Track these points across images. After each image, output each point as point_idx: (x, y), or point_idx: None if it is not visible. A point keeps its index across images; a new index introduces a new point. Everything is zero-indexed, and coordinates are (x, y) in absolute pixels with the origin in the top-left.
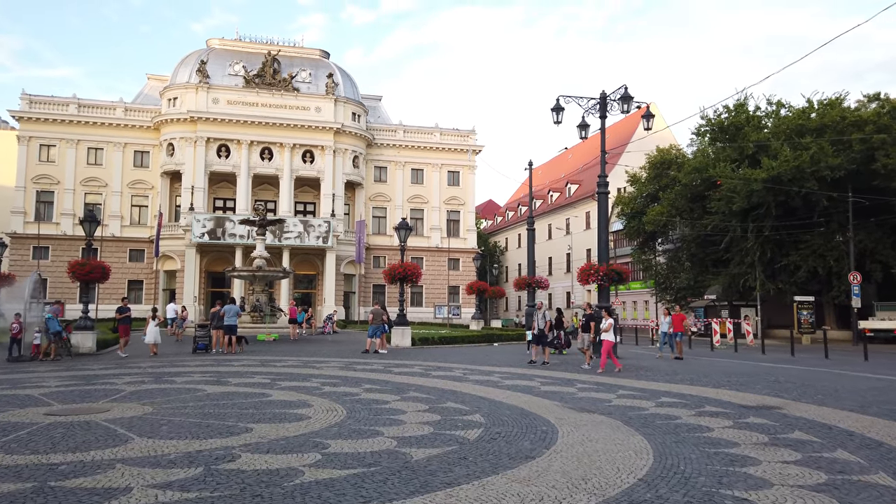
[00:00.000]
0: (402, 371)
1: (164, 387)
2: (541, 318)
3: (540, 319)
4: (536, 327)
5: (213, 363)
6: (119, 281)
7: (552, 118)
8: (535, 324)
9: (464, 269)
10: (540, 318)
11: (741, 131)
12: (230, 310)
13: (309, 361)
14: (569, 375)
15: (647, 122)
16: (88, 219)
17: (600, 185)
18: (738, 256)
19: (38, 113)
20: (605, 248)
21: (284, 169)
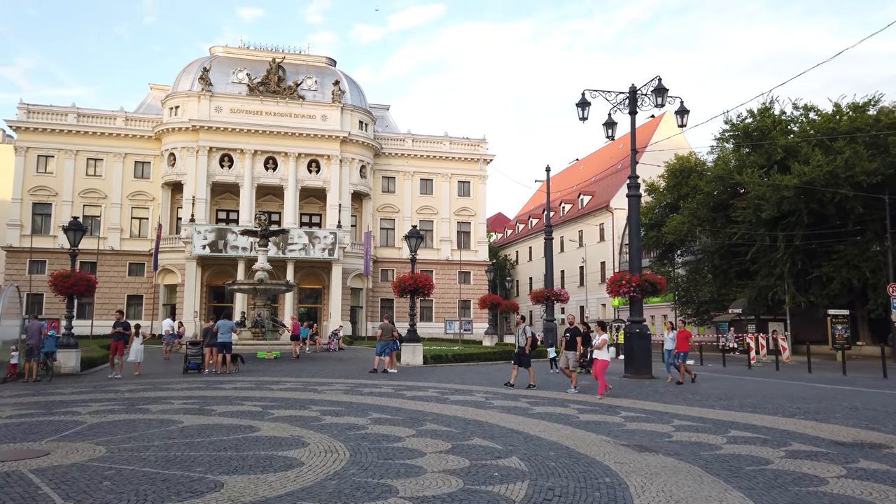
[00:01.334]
0: (416, 395)
1: (134, 417)
2: (521, 335)
3: (520, 336)
4: (517, 345)
5: (202, 386)
6: (118, 296)
7: (577, 114)
8: (516, 342)
9: (475, 283)
10: (520, 334)
11: (767, 136)
12: (224, 325)
13: (310, 383)
14: (602, 401)
15: (682, 118)
16: (73, 227)
17: (631, 187)
18: (765, 268)
19: (36, 123)
20: (637, 256)
21: (289, 179)
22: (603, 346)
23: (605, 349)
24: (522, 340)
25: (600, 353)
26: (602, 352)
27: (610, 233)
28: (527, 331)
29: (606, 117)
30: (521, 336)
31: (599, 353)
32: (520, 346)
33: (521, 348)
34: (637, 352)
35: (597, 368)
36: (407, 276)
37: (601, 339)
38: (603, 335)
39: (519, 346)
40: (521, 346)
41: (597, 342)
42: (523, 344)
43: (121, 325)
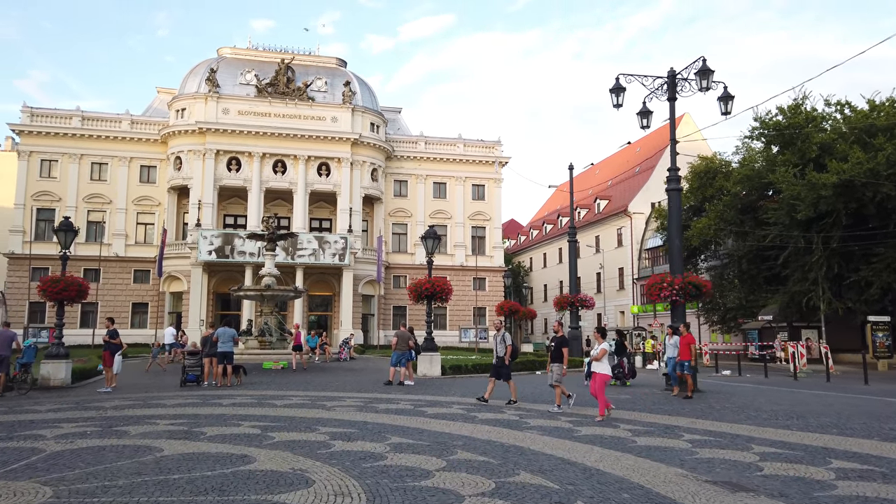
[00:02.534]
0: (438, 413)
1: (105, 444)
2: (500, 343)
3: (499, 344)
4: (495, 354)
5: (198, 401)
6: (122, 304)
7: (611, 101)
8: (494, 350)
9: (490, 289)
10: (499, 342)
11: (800, 133)
12: (224, 333)
13: (319, 398)
14: (657, 419)
15: (726, 104)
16: (64, 228)
17: (671, 180)
18: (798, 272)
19: (39, 126)
20: (678, 256)
21: (298, 183)
22: (602, 356)
23: (605, 361)
24: (501, 349)
25: (599, 366)
26: (602, 364)
27: (628, 238)
28: (506, 338)
29: (641, 106)
30: (499, 344)
31: (598, 365)
32: (498, 355)
33: (500, 358)
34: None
35: (596, 384)
36: (423, 281)
37: (600, 348)
38: (602, 344)
39: (497, 356)
40: (499, 355)
41: (595, 352)
42: (502, 353)
43: (108, 333)
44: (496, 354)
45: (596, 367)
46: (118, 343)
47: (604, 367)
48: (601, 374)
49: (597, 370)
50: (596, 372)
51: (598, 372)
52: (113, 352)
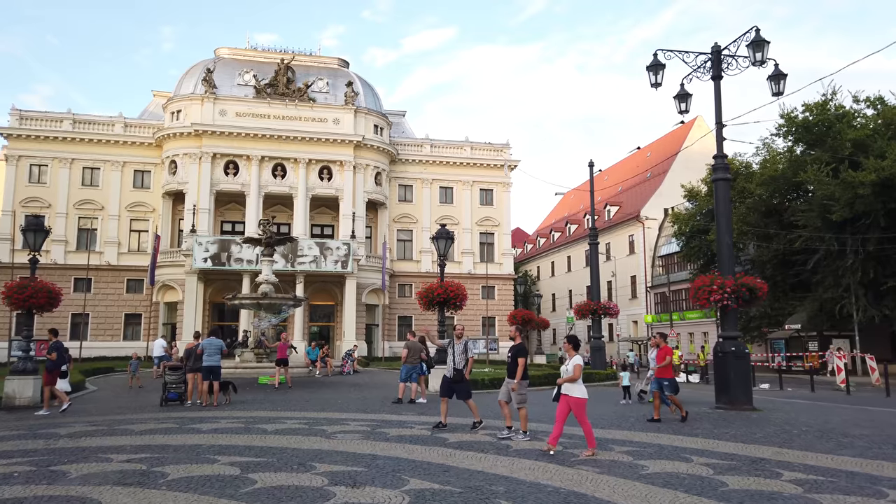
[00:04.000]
0: (462, 441)
1: (28, 493)
2: (459, 354)
3: (458, 355)
4: (451, 367)
5: (174, 425)
6: (115, 315)
7: (649, 80)
8: (449, 361)
9: (500, 298)
10: (458, 353)
11: (831, 130)
12: (210, 345)
13: (317, 420)
14: (733, 448)
15: (778, 83)
16: (32, 227)
17: (718, 169)
18: (830, 278)
19: (28, 130)
20: (728, 255)
21: (299, 187)
22: (578, 375)
23: (580, 380)
24: (461, 361)
25: (574, 388)
26: (578, 385)
27: (641, 245)
28: (468, 348)
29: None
30: (458, 355)
31: (573, 387)
32: (456, 367)
33: (457, 371)
34: (734, 376)
35: (573, 410)
36: (435, 285)
37: (574, 364)
38: (575, 358)
39: (454, 369)
40: (457, 368)
41: (568, 367)
42: (461, 366)
43: (55, 348)
44: (453, 367)
45: (570, 388)
46: (56, 359)
47: (580, 389)
48: (577, 399)
49: (571, 393)
50: (569, 395)
51: (572, 395)
52: (51, 369)
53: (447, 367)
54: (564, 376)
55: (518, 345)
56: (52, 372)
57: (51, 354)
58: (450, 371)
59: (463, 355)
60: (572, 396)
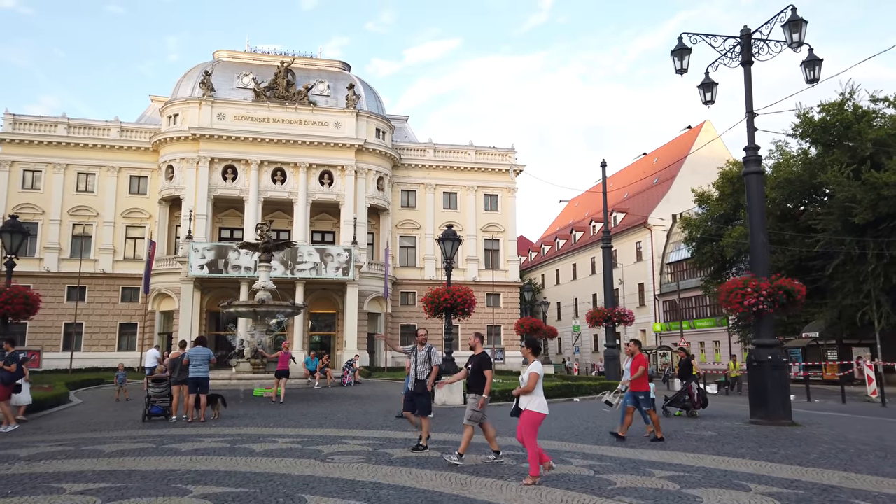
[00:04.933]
0: (478, 465)
1: None
2: (422, 363)
3: (420, 364)
4: (413, 378)
5: (150, 445)
6: (109, 324)
7: (674, 66)
8: (412, 371)
9: (505, 306)
10: (421, 361)
11: (849, 130)
12: (197, 355)
13: (313, 439)
14: (794, 473)
15: (813, 70)
16: (10, 228)
17: (749, 162)
18: (850, 284)
19: (22, 135)
20: (763, 254)
21: (299, 192)
22: (532, 385)
23: (539, 390)
24: (424, 371)
25: (530, 400)
26: (534, 397)
27: (648, 251)
28: (432, 355)
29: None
30: (420, 364)
31: (529, 399)
32: (418, 378)
33: (420, 383)
34: (770, 388)
35: (523, 426)
36: (441, 290)
37: (530, 372)
38: (533, 365)
39: (416, 380)
40: (419, 378)
41: (524, 377)
42: (424, 376)
43: (14, 359)
44: (415, 377)
45: (525, 401)
46: (13, 371)
47: (537, 402)
48: (532, 413)
49: (527, 406)
50: (526, 409)
51: (528, 409)
52: (6, 382)
53: (409, 377)
54: (522, 386)
55: (480, 354)
56: (7, 385)
57: (10, 366)
58: (411, 382)
59: (426, 364)
60: (528, 410)
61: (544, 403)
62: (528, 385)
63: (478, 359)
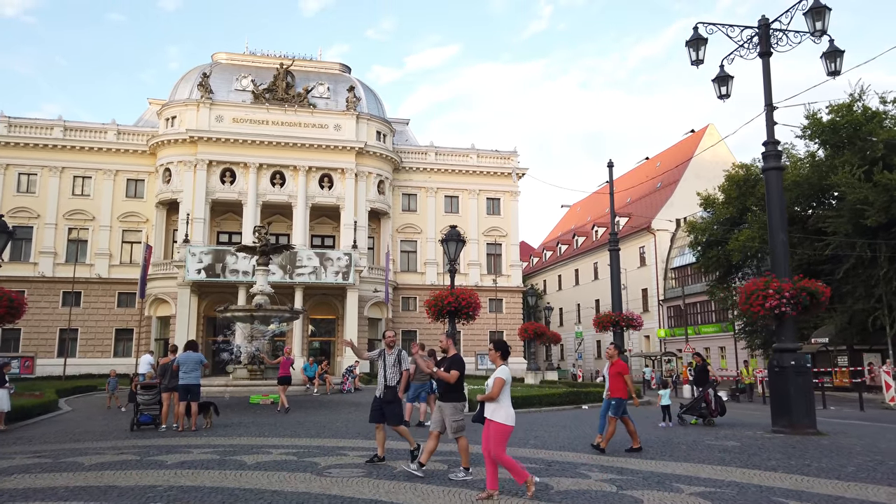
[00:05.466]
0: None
1: None
2: (391, 367)
3: (390, 368)
4: (382, 384)
5: (134, 457)
6: (105, 330)
7: (689, 57)
8: (380, 377)
9: (508, 311)
10: (390, 365)
11: (860, 131)
12: (187, 360)
13: (309, 450)
14: (819, 485)
15: (834, 62)
16: None
17: (769, 157)
18: (861, 288)
19: (17, 137)
20: (783, 254)
21: (298, 196)
22: (496, 392)
23: (507, 399)
24: (394, 377)
25: (496, 410)
26: (499, 405)
27: (652, 257)
28: (402, 360)
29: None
30: (389, 369)
31: (494, 408)
32: (388, 384)
33: (389, 389)
34: (794, 395)
35: (491, 440)
36: (445, 293)
37: (495, 377)
38: (500, 369)
39: (385, 386)
40: (389, 385)
41: (489, 383)
42: (394, 382)
43: None
44: (384, 384)
45: (490, 410)
46: None
47: (503, 413)
48: (498, 425)
49: (492, 416)
50: (490, 420)
51: (493, 420)
52: None
53: (378, 384)
54: (489, 385)
55: (453, 357)
56: None
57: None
58: (380, 390)
59: (396, 368)
60: (493, 421)
61: (511, 414)
62: (491, 391)
63: (449, 362)
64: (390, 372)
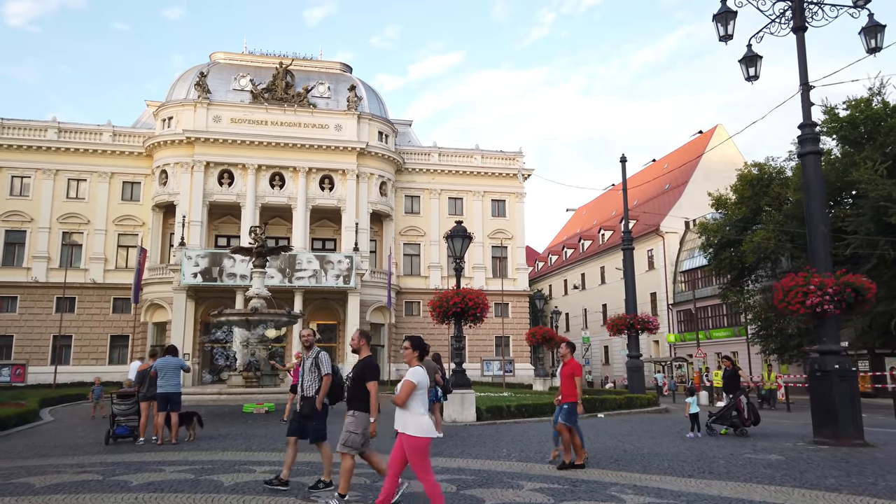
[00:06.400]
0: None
1: None
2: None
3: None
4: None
5: (97, 477)
6: (100, 336)
7: (717, 32)
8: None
9: (514, 316)
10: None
11: (880, 126)
12: (166, 366)
13: (298, 468)
14: None
15: (874, 38)
16: None
17: (805, 141)
18: (883, 289)
19: (10, 139)
20: (824, 246)
21: (298, 198)
22: (403, 398)
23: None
24: (311, 385)
25: (406, 419)
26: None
27: (661, 260)
28: (320, 363)
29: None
30: (307, 376)
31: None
32: (304, 395)
33: (307, 400)
34: (839, 402)
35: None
36: (451, 293)
37: (405, 380)
38: (413, 370)
39: (303, 397)
40: (306, 395)
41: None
42: (312, 392)
43: None
44: (301, 393)
45: (400, 421)
46: None
47: (414, 423)
48: (411, 438)
49: (403, 429)
50: (401, 432)
51: (404, 433)
52: None
53: (299, 394)
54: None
55: (364, 360)
56: None
57: None
58: (300, 401)
59: (313, 374)
60: (404, 434)
61: (425, 425)
62: (397, 395)
63: (360, 366)
64: (307, 379)
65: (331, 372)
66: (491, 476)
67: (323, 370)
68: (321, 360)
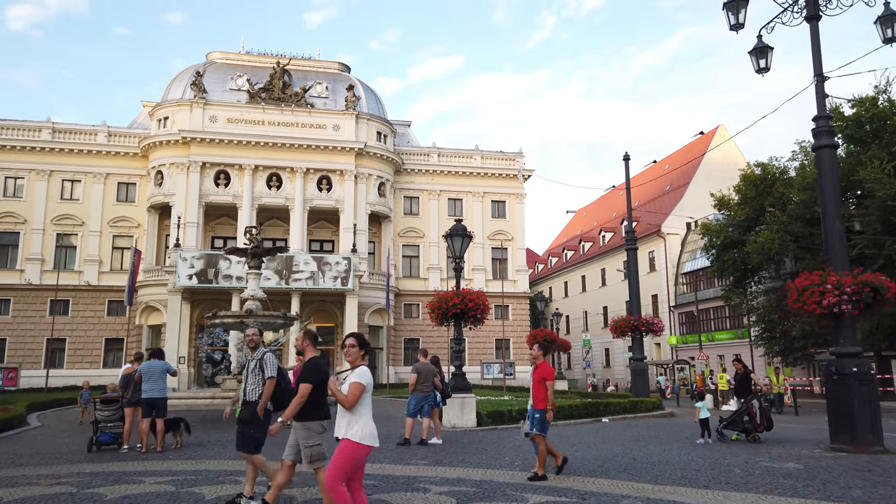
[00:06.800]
0: None
1: None
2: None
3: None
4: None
5: (70, 489)
6: (94, 340)
7: (728, 21)
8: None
9: (514, 318)
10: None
11: (886, 124)
12: (150, 370)
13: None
14: None
15: (891, 27)
16: None
17: (820, 134)
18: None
19: (3, 139)
20: (840, 244)
21: (296, 199)
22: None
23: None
24: (253, 388)
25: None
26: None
27: (662, 261)
28: (264, 365)
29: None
30: (250, 379)
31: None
32: (247, 399)
33: (247, 406)
34: (857, 407)
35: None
36: (450, 294)
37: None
38: (358, 370)
39: (245, 401)
40: (248, 399)
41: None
42: (254, 396)
43: None
44: (244, 397)
45: (344, 424)
46: None
47: (359, 427)
48: (351, 445)
49: (346, 434)
50: (343, 437)
51: (346, 437)
52: None
53: (240, 397)
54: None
55: (310, 361)
56: None
57: None
58: (241, 407)
59: (256, 377)
60: (345, 439)
61: (371, 433)
62: (346, 398)
63: (308, 367)
64: (251, 382)
65: (275, 375)
66: (493, 488)
67: (267, 372)
68: (266, 361)
